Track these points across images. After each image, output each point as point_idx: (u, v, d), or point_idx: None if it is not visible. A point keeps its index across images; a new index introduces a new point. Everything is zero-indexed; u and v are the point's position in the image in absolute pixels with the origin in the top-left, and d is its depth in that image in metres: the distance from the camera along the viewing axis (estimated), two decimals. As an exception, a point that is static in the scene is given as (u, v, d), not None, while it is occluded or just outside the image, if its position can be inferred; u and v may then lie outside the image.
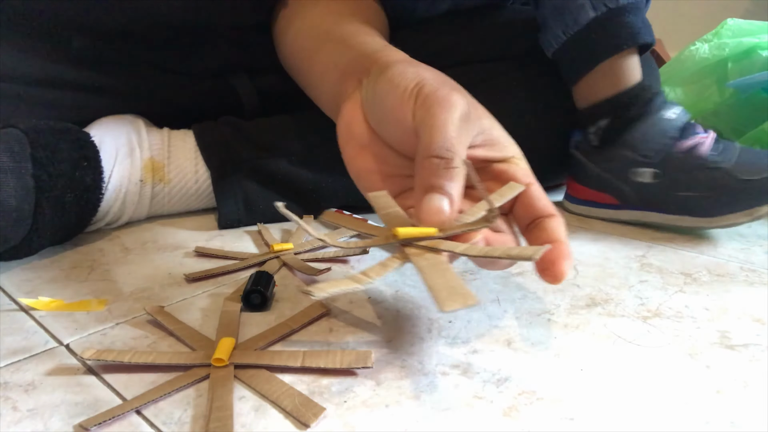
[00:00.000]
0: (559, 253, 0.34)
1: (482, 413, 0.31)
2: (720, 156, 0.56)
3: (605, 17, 0.57)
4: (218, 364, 0.34)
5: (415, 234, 0.34)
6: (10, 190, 0.48)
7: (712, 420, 0.31)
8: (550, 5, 0.60)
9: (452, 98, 0.36)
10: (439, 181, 0.34)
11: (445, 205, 0.34)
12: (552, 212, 0.37)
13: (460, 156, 0.35)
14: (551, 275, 0.34)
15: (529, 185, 0.38)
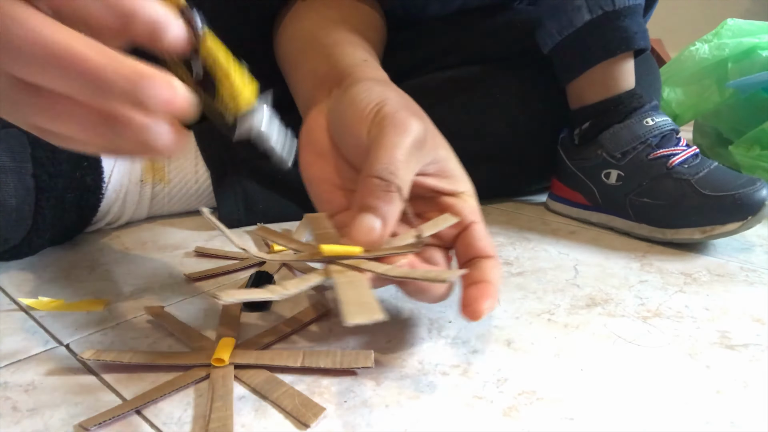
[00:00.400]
0: (483, 292, 0.35)
1: (482, 413, 0.31)
2: (688, 169, 0.55)
3: (601, 20, 0.57)
4: (218, 364, 0.34)
5: (339, 252, 0.34)
6: (10, 190, 0.48)
7: (712, 420, 0.31)
8: (548, 4, 0.60)
9: (408, 122, 0.36)
10: (376, 202, 0.34)
11: (377, 226, 0.34)
12: (490, 254, 0.38)
13: (403, 180, 0.35)
14: (470, 312, 0.34)
15: (473, 224, 0.38)
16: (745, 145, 0.74)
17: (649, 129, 0.57)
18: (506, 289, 0.46)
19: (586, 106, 0.60)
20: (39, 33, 0.24)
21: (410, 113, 0.37)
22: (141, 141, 0.26)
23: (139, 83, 0.24)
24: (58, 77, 0.24)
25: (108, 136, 0.26)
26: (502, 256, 0.53)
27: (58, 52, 0.24)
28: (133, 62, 0.25)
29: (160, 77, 0.25)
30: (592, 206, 0.62)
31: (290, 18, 0.61)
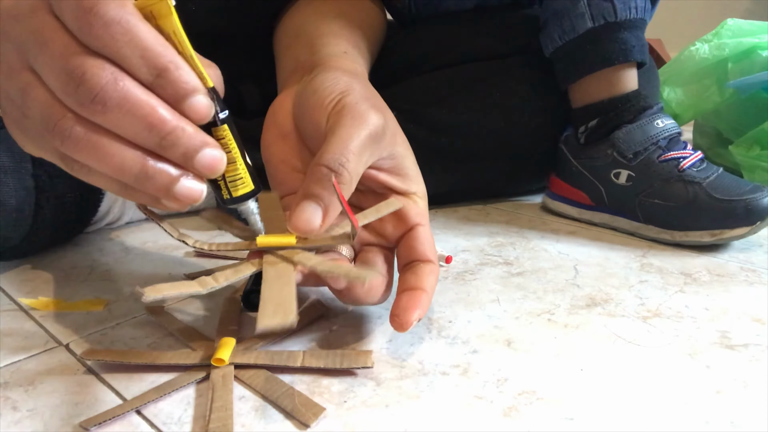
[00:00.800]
0: (414, 302, 0.35)
1: (482, 413, 0.31)
2: (698, 173, 0.55)
3: (602, 30, 0.58)
4: (218, 364, 0.34)
5: (273, 243, 0.34)
6: (10, 190, 0.48)
7: (712, 420, 0.31)
8: (552, 8, 0.61)
9: (367, 114, 0.36)
10: (321, 192, 0.34)
11: (317, 215, 0.34)
12: (429, 258, 0.38)
13: (352, 172, 0.34)
14: (398, 323, 0.35)
15: (417, 226, 0.38)
16: (745, 145, 0.74)
17: (660, 131, 0.57)
18: (506, 289, 0.46)
19: (591, 104, 0.61)
20: (124, 82, 0.27)
21: (371, 105, 0.37)
22: (165, 190, 0.29)
23: (201, 148, 0.29)
24: (132, 124, 0.27)
25: (137, 179, 0.28)
26: (502, 256, 0.53)
27: (140, 103, 0.27)
28: (197, 129, 0.29)
29: (216, 144, 0.29)
30: (595, 206, 0.62)
31: (290, 13, 0.61)
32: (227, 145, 0.31)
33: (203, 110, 0.29)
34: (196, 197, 0.30)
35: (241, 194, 0.32)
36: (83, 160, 0.28)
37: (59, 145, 0.28)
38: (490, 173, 0.68)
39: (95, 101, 0.26)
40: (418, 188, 0.40)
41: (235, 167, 0.32)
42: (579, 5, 0.58)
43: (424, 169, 0.41)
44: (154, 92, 0.27)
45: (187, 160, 0.28)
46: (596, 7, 0.57)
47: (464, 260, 0.52)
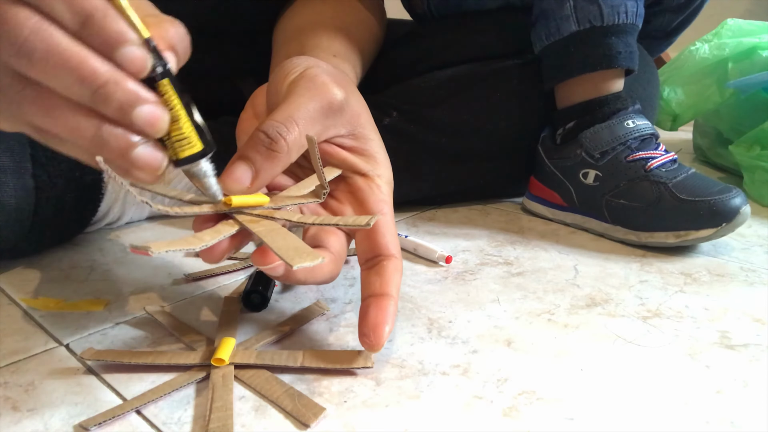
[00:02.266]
0: (382, 316, 0.34)
1: (482, 413, 0.31)
2: (666, 173, 0.54)
3: (586, 33, 0.57)
4: (218, 364, 0.34)
5: (248, 203, 0.33)
6: (10, 190, 0.48)
7: (712, 420, 0.31)
8: (540, 7, 0.60)
9: (328, 86, 0.35)
10: (254, 155, 0.33)
11: (246, 175, 0.33)
12: (391, 253, 0.36)
13: (291, 143, 0.33)
14: (369, 343, 0.34)
15: (377, 214, 0.37)
16: (745, 144, 0.74)
17: (629, 131, 0.57)
18: (506, 289, 0.46)
19: (572, 106, 0.60)
20: (49, 32, 0.25)
21: (333, 80, 0.36)
22: (122, 154, 0.27)
23: (134, 102, 0.26)
24: (62, 77, 0.25)
25: (94, 143, 0.27)
26: (502, 256, 0.53)
27: (67, 54, 0.25)
28: (133, 81, 0.27)
29: (153, 100, 0.27)
30: (568, 207, 0.62)
31: (288, 13, 0.61)
32: (169, 102, 0.29)
33: (136, 61, 0.27)
34: (156, 164, 0.28)
35: (187, 155, 0.30)
36: (44, 125, 0.27)
37: (17, 111, 0.27)
38: (490, 173, 0.68)
39: (20, 54, 0.25)
40: (384, 173, 0.38)
41: (179, 126, 0.30)
42: (565, 7, 0.57)
43: (424, 169, 0.41)
44: (84, 43, 0.26)
45: (124, 115, 0.27)
46: (582, 11, 0.57)
47: (464, 260, 0.52)
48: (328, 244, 0.36)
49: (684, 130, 1.01)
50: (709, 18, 1.05)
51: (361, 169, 0.38)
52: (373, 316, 0.34)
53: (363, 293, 0.36)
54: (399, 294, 0.36)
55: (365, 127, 0.38)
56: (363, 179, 0.38)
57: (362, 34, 0.58)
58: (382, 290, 0.35)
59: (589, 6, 0.56)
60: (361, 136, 0.38)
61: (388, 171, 0.39)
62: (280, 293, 0.46)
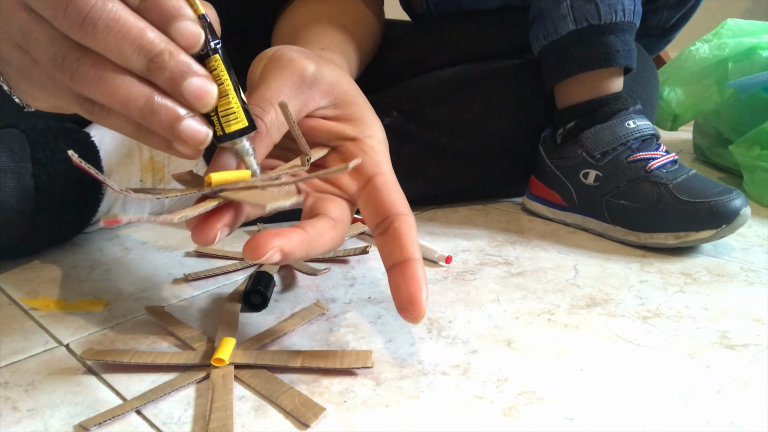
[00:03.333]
0: (415, 284, 0.32)
1: (482, 413, 0.31)
2: (666, 174, 0.54)
3: (584, 32, 0.57)
4: (218, 364, 0.35)
5: (228, 179, 0.32)
6: (10, 191, 0.48)
7: (712, 420, 0.31)
8: (537, 6, 0.60)
9: (296, 62, 0.35)
10: None
11: (231, 161, 0.33)
12: (399, 210, 0.35)
13: (270, 121, 0.33)
14: (411, 317, 0.33)
15: (375, 176, 0.36)
16: (745, 145, 0.74)
17: (630, 131, 0.56)
18: (506, 289, 0.46)
19: (572, 106, 0.60)
20: (113, 4, 0.27)
21: (301, 55, 0.36)
22: (169, 126, 0.29)
23: (185, 73, 0.28)
24: (121, 45, 0.27)
25: (142, 113, 0.28)
26: (502, 256, 0.53)
27: (128, 24, 0.27)
28: (186, 54, 0.28)
29: (203, 74, 0.29)
30: (568, 207, 0.62)
31: (286, 13, 0.61)
32: (219, 77, 0.30)
33: (191, 36, 0.28)
34: (201, 138, 0.29)
35: (234, 130, 0.31)
36: (93, 95, 0.28)
37: (69, 82, 0.28)
38: (490, 173, 0.68)
39: (85, 23, 0.26)
40: (374, 132, 0.38)
41: (228, 101, 0.30)
42: (562, 6, 0.57)
43: (424, 169, 0.40)
44: (143, 17, 0.27)
45: (175, 86, 0.28)
46: (579, 9, 0.56)
47: (464, 260, 0.52)
48: (328, 211, 0.35)
49: (684, 130, 1.01)
50: (709, 18, 1.05)
51: (349, 134, 0.37)
52: (406, 288, 0.33)
53: (385, 262, 0.34)
54: (420, 250, 0.35)
55: (347, 93, 0.38)
56: (354, 144, 0.37)
57: (359, 32, 0.58)
58: (404, 255, 0.33)
59: (586, 5, 0.56)
60: (344, 102, 0.37)
61: (380, 131, 0.38)
62: (280, 293, 0.46)
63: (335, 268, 0.51)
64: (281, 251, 0.30)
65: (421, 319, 0.33)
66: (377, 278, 0.48)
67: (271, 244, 0.30)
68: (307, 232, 0.32)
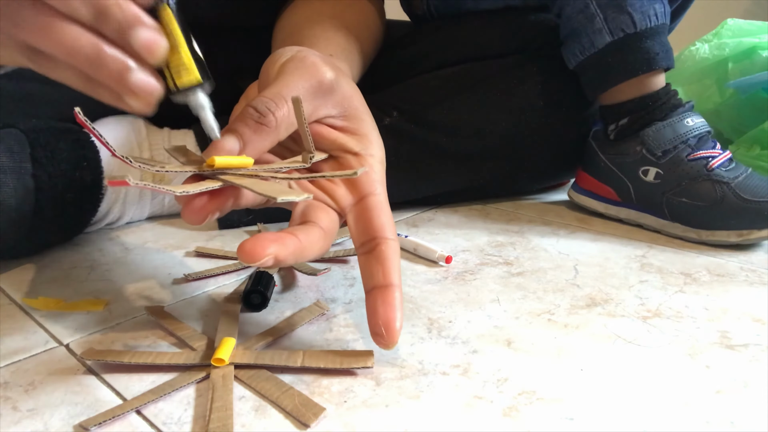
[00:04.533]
0: (391, 311, 0.33)
1: (482, 413, 0.31)
2: (727, 173, 0.56)
3: (622, 42, 0.58)
4: (218, 364, 0.34)
5: (231, 164, 0.32)
6: (10, 190, 0.48)
7: (712, 420, 0.31)
8: (569, 26, 0.61)
9: (318, 67, 0.35)
10: (242, 128, 0.33)
11: (234, 146, 0.33)
12: (386, 235, 0.35)
13: (281, 119, 0.33)
14: (383, 342, 0.33)
15: (370, 195, 0.36)
16: (745, 145, 0.74)
17: (689, 129, 0.58)
18: (506, 289, 0.46)
19: (621, 103, 0.61)
20: None
21: (324, 61, 0.36)
22: (118, 77, 0.28)
23: (134, 24, 0.28)
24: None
25: (90, 62, 0.28)
26: (502, 256, 0.53)
27: None
28: (136, 5, 0.28)
29: (153, 26, 0.28)
30: (622, 202, 0.63)
31: (287, 11, 0.61)
32: (169, 29, 0.29)
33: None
34: (151, 90, 0.29)
35: (185, 83, 0.30)
36: (39, 44, 0.28)
37: (13, 29, 0.27)
38: (490, 173, 0.68)
39: None
40: (376, 152, 0.38)
41: (179, 55, 0.30)
42: (595, 21, 0.58)
43: (424, 169, 0.40)
44: None
45: (123, 36, 0.28)
46: (613, 21, 0.58)
47: (464, 260, 0.52)
48: (319, 220, 0.35)
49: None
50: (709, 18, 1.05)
51: (353, 148, 0.37)
52: (383, 313, 0.33)
53: (366, 284, 0.35)
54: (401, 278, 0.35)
55: (357, 108, 0.38)
56: (355, 158, 0.37)
57: (362, 33, 0.58)
58: (386, 280, 0.34)
59: (620, 16, 0.57)
60: (353, 116, 0.38)
61: (381, 151, 0.39)
62: (280, 293, 0.46)
63: (335, 268, 0.51)
64: (275, 258, 0.31)
65: (393, 345, 0.34)
66: (377, 278, 0.48)
67: (267, 250, 0.30)
68: (300, 241, 0.32)
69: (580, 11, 0.59)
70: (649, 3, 0.57)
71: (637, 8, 0.57)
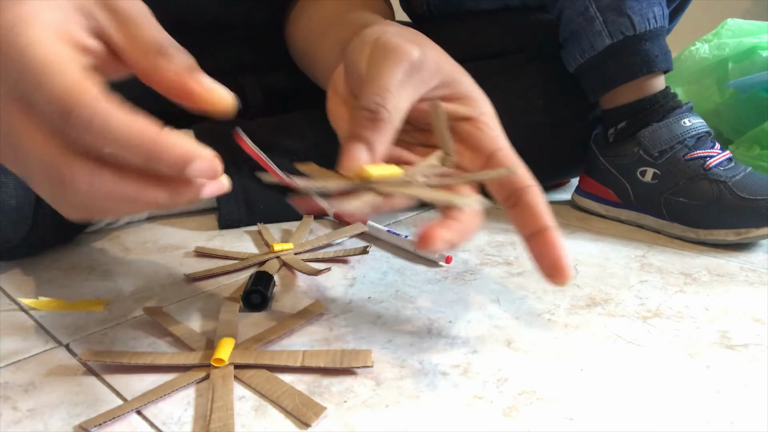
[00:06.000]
0: (555, 251, 0.34)
1: (482, 413, 0.31)
2: (725, 171, 0.56)
3: (621, 45, 0.58)
4: (218, 364, 0.35)
5: (384, 175, 0.33)
6: (10, 191, 0.48)
7: (712, 420, 0.31)
8: (569, 29, 0.61)
9: (402, 48, 0.36)
10: (362, 131, 0.34)
11: (362, 153, 0.33)
12: (526, 182, 0.36)
13: (393, 109, 0.34)
14: (559, 279, 0.34)
15: (497, 151, 0.37)
16: (745, 145, 0.74)
17: (686, 129, 0.58)
18: (506, 289, 0.46)
19: (621, 106, 0.61)
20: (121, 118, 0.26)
21: (404, 39, 0.36)
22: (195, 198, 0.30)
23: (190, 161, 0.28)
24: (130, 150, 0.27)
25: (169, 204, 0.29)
26: (502, 256, 0.53)
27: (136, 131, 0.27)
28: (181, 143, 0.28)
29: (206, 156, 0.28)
30: (622, 203, 0.63)
31: (303, 5, 0.61)
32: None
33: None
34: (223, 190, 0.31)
35: None
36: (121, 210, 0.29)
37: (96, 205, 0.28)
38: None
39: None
40: (484, 108, 0.38)
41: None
42: (595, 24, 0.58)
43: None
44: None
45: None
46: (613, 24, 0.58)
47: (464, 260, 0.52)
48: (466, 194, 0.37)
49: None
50: (709, 18, 1.05)
51: (463, 113, 0.38)
52: (549, 256, 0.34)
53: (522, 232, 0.36)
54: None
55: (451, 72, 0.38)
56: (468, 123, 0.38)
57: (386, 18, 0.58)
58: (540, 225, 0.35)
59: (619, 19, 0.57)
60: (450, 81, 0.38)
61: (489, 105, 0.39)
62: (280, 293, 0.46)
63: (335, 268, 0.51)
64: (449, 242, 0.32)
65: (568, 281, 0.34)
66: (377, 278, 0.48)
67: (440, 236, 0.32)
68: (462, 222, 0.34)
69: (580, 14, 0.59)
70: (648, 6, 0.57)
71: (636, 11, 0.57)
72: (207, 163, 0.28)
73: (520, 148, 0.69)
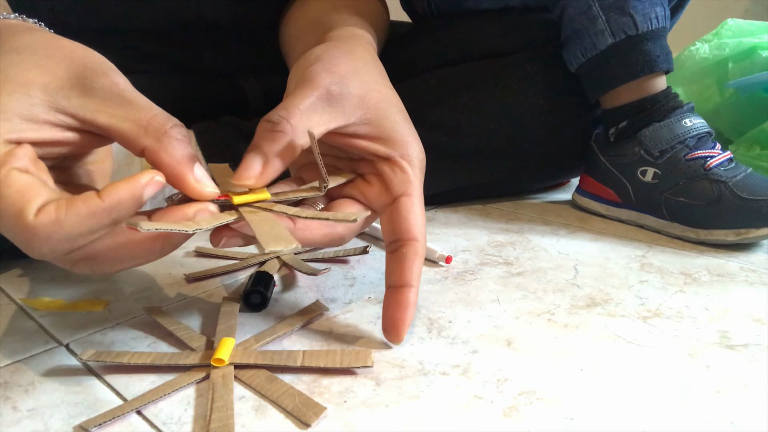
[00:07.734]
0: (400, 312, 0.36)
1: (482, 413, 0.31)
2: (725, 172, 0.56)
3: (623, 44, 0.58)
4: (218, 364, 0.34)
5: (249, 200, 0.34)
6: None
7: (712, 420, 0.31)
8: (571, 28, 0.61)
9: (317, 79, 0.36)
10: (260, 142, 0.34)
11: (257, 163, 0.34)
12: (413, 236, 0.37)
13: (295, 126, 0.34)
14: (390, 338, 0.37)
15: (401, 197, 0.37)
16: (745, 144, 0.74)
17: (687, 129, 0.58)
18: (506, 289, 0.46)
19: (622, 106, 0.61)
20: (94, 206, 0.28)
21: (324, 70, 0.36)
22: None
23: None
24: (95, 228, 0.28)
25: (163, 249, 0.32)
26: (502, 256, 0.53)
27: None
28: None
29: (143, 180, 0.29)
30: (623, 203, 0.63)
31: (299, 6, 0.61)
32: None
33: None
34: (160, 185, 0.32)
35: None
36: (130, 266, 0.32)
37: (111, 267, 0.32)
38: (491, 173, 0.68)
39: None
40: (407, 151, 0.38)
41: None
42: (597, 23, 0.59)
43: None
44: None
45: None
46: (615, 23, 0.58)
47: (464, 260, 0.52)
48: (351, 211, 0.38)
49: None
50: (709, 18, 1.05)
51: (382, 153, 0.38)
52: (393, 312, 0.36)
53: (386, 280, 0.38)
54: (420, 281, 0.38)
55: (377, 106, 0.37)
56: (386, 163, 0.38)
57: (372, 23, 0.58)
58: (402, 281, 0.36)
59: (622, 18, 0.58)
60: (374, 119, 0.37)
61: (414, 147, 0.38)
62: (280, 293, 0.46)
63: (335, 268, 0.51)
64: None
65: (399, 342, 0.37)
66: (377, 278, 0.48)
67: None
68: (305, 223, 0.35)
69: (583, 12, 0.59)
70: (650, 6, 0.57)
71: (638, 11, 0.57)
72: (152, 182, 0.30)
73: (521, 148, 0.70)
